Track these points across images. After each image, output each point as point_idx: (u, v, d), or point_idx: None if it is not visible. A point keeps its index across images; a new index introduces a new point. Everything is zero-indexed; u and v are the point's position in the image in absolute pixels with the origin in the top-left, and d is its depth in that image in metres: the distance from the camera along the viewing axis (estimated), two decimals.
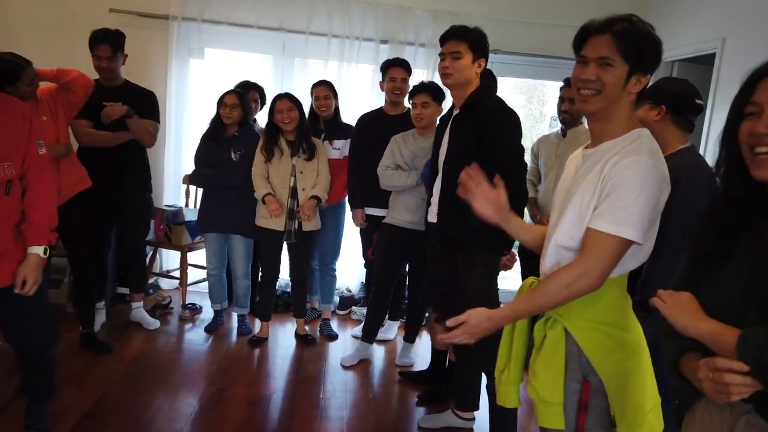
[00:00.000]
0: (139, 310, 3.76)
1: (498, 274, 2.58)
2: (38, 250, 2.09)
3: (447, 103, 3.17)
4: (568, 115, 3.27)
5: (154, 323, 3.75)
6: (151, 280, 4.23)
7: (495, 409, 2.43)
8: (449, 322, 1.56)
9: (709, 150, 3.62)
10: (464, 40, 2.35)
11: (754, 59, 1.08)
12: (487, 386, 2.54)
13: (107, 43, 3.31)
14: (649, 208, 1.40)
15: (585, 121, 3.00)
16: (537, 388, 1.59)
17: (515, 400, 1.86)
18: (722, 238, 1.13)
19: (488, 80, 2.76)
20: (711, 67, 3.64)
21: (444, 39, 2.40)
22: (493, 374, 2.08)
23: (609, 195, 1.39)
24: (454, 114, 2.47)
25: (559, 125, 3.41)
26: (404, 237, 3.24)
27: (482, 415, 2.72)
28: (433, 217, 2.56)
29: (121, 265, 3.93)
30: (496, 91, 2.91)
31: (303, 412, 2.90)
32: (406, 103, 3.45)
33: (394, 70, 3.46)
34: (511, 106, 2.44)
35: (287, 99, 3.44)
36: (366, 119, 3.64)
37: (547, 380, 1.57)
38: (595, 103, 1.45)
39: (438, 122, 2.86)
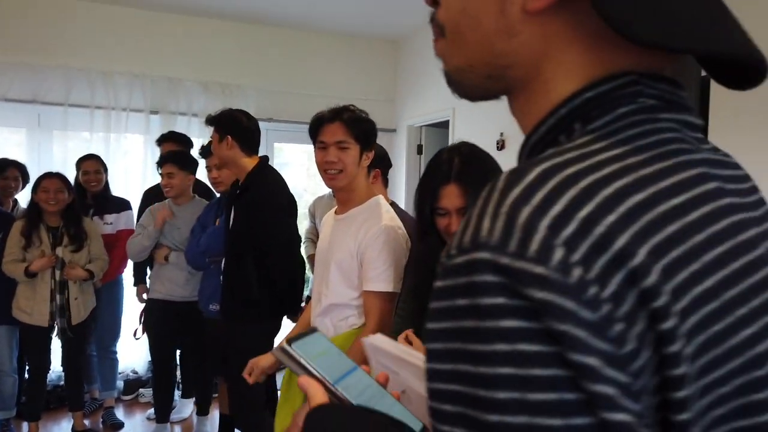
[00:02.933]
0: None
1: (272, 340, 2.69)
2: None
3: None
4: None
5: None
6: None
7: None
8: None
9: None
10: (210, 124, 2.52)
11: (475, 124, 1.39)
12: None
13: None
14: (399, 262, 1.71)
15: None
16: None
17: None
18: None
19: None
20: (447, 129, 4.37)
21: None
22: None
23: (372, 260, 1.69)
24: (236, 191, 2.58)
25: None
26: (177, 309, 3.21)
27: None
28: None
29: None
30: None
31: None
32: None
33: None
34: (282, 188, 2.59)
35: (57, 179, 3.18)
36: (150, 194, 3.57)
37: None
38: (341, 180, 1.73)
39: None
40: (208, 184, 3.59)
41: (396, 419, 0.64)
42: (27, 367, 3.35)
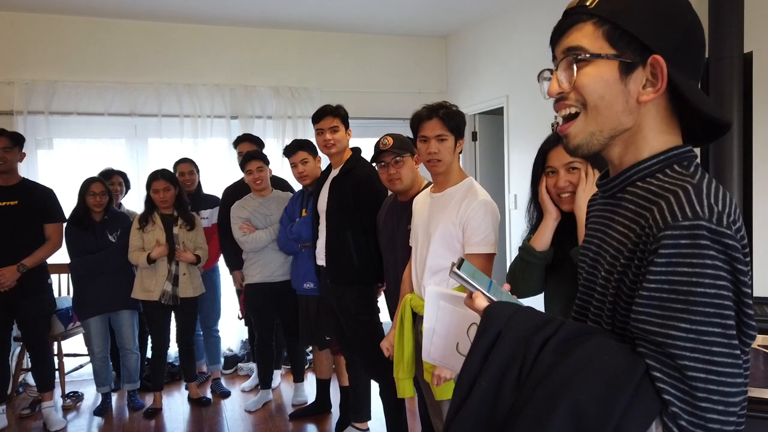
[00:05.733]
0: (48, 410, 3.62)
1: (375, 301, 3.13)
2: None
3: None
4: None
5: (59, 423, 3.61)
6: (20, 378, 4.07)
7: (389, 408, 2.93)
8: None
9: (512, 179, 4.60)
10: (338, 116, 2.95)
11: (529, 110, 1.63)
12: (381, 393, 3.03)
13: (6, 136, 3.38)
14: (497, 229, 2.09)
15: None
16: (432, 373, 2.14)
17: (411, 390, 2.40)
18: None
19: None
20: (501, 115, 4.68)
21: (319, 116, 2.97)
22: (387, 381, 2.63)
23: (475, 227, 2.06)
24: (333, 175, 3.02)
25: None
26: (272, 292, 3.66)
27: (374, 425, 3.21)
28: (321, 260, 3.05)
29: None
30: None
31: None
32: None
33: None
34: (376, 172, 2.95)
35: (163, 179, 3.67)
36: (230, 191, 4.02)
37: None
38: (441, 166, 2.13)
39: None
40: (283, 178, 4.08)
41: (533, 308, 0.94)
42: (150, 345, 3.88)
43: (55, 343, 3.97)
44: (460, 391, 0.87)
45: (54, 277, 4.10)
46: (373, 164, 2.68)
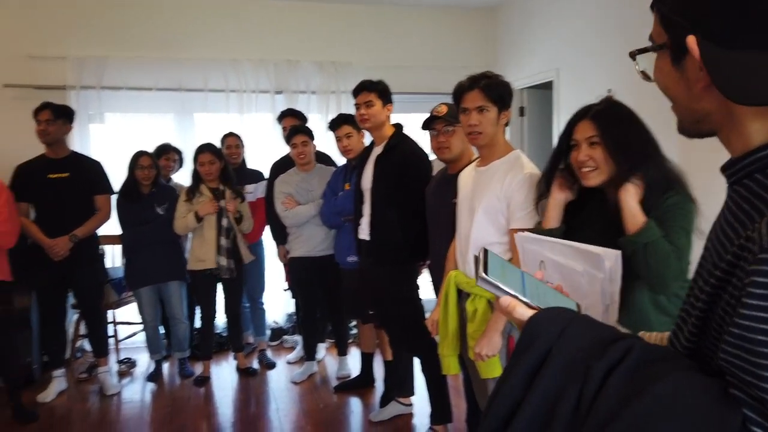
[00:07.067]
0: (103, 375, 3.78)
1: (417, 278, 3.12)
2: None
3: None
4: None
5: (114, 387, 3.76)
6: (77, 344, 4.26)
7: (432, 384, 2.94)
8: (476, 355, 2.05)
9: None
10: (374, 91, 2.90)
11: (580, 84, 1.58)
12: (422, 369, 3.04)
13: (49, 109, 3.48)
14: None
15: None
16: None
17: (456, 367, 2.39)
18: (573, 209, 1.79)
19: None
20: (551, 90, 4.53)
21: (357, 92, 2.94)
22: (428, 356, 2.62)
23: (519, 202, 2.01)
24: (377, 152, 2.99)
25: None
26: (315, 265, 3.69)
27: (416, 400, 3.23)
28: (364, 235, 3.04)
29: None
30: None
31: (264, 430, 3.21)
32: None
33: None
34: (422, 151, 2.97)
35: (208, 152, 3.74)
36: (278, 165, 4.05)
37: None
38: (481, 139, 2.07)
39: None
40: (327, 153, 4.07)
41: (590, 318, 0.80)
42: (200, 314, 3.99)
43: (110, 311, 4.13)
44: (497, 415, 0.75)
45: (107, 248, 4.25)
46: (425, 131, 2.64)
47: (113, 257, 4.35)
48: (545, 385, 0.72)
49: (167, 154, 4.17)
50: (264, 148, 4.69)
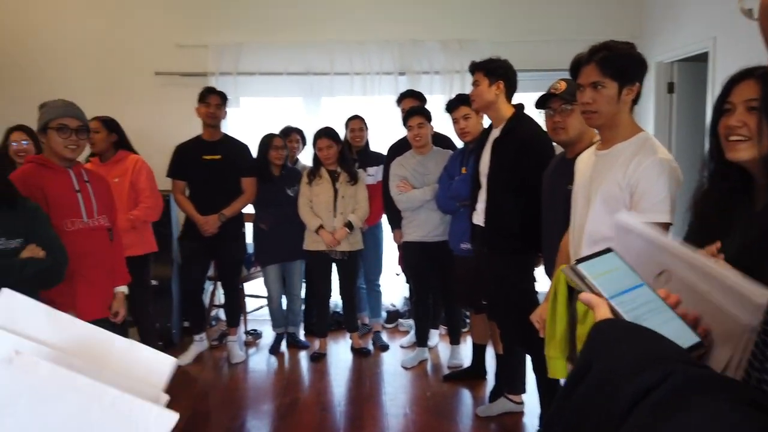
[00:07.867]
0: (232, 343, 4.07)
1: (534, 270, 2.91)
2: (124, 289, 2.58)
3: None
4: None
5: (240, 357, 4.01)
6: (212, 313, 4.61)
7: (542, 385, 2.73)
8: None
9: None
10: (479, 70, 2.73)
11: (743, 55, 1.27)
12: (533, 368, 2.84)
13: (217, 94, 3.82)
14: (675, 195, 1.74)
15: None
16: None
17: (563, 371, 2.17)
18: (721, 215, 1.31)
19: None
20: (705, 63, 3.96)
21: (470, 72, 2.80)
22: (539, 355, 2.40)
23: (645, 191, 1.72)
24: (494, 136, 2.81)
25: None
26: (428, 250, 3.60)
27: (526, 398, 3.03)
28: (479, 220, 2.90)
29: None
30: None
31: (371, 412, 3.23)
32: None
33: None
34: (543, 133, 2.72)
35: (326, 137, 3.80)
36: (395, 148, 4.00)
37: None
38: (596, 119, 1.81)
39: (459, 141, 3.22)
40: (447, 136, 3.94)
41: (658, 334, 0.67)
42: (305, 292, 4.15)
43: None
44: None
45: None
46: (540, 110, 2.42)
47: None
48: (575, 402, 0.66)
49: (290, 135, 4.30)
50: (387, 131, 4.67)
